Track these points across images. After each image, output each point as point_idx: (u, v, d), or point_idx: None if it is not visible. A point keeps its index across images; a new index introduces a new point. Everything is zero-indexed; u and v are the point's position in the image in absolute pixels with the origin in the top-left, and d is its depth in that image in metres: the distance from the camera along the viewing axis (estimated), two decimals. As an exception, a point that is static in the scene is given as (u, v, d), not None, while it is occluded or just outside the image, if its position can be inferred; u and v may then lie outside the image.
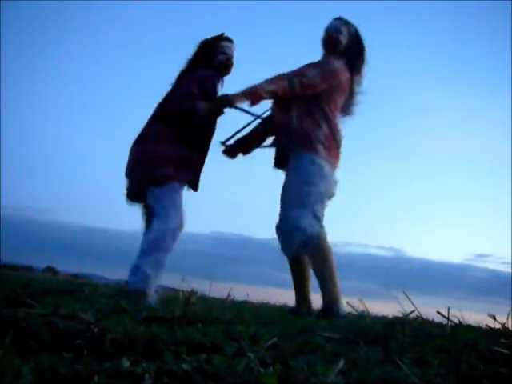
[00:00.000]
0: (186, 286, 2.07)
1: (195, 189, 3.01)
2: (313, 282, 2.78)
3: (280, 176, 2.91)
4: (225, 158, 3.02)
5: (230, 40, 3.10)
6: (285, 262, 2.83)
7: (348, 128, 3.00)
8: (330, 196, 2.76)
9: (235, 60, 3.09)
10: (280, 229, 2.76)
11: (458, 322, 1.72)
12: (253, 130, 3.02)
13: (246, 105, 2.73)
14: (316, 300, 2.74)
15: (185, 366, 0.87)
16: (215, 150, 3.01)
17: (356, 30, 2.98)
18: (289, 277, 2.86)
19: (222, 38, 3.08)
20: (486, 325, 1.85)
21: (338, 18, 2.99)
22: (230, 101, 2.69)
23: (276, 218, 2.82)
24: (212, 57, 3.02)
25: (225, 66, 3.04)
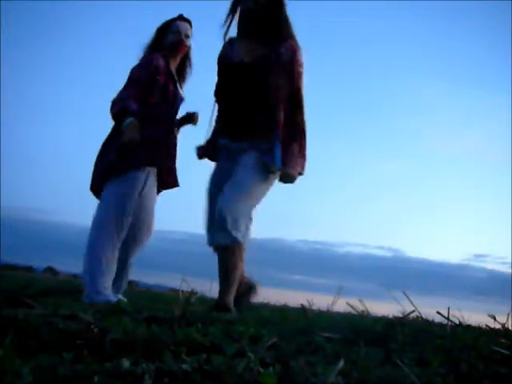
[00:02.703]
0: (185, 286, 2.07)
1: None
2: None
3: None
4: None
5: (184, 19, 3.03)
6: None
7: (349, 129, 2.96)
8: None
9: (191, 38, 3.03)
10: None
11: (457, 322, 1.72)
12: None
13: None
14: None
15: (185, 366, 0.87)
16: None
17: None
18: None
19: (174, 19, 3.02)
20: (486, 325, 1.85)
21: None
22: None
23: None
24: (163, 39, 2.98)
25: (176, 45, 2.97)
